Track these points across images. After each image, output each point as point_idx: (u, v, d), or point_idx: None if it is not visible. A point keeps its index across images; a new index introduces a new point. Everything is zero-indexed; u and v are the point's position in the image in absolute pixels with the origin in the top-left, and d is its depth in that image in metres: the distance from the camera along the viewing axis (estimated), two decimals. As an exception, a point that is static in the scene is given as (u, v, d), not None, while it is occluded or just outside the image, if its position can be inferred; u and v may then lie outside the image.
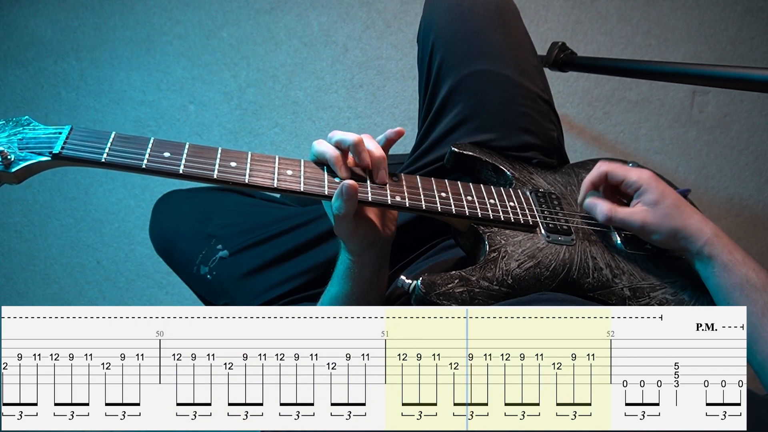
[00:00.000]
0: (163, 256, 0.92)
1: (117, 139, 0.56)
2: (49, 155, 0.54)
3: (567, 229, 0.69)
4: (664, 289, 0.67)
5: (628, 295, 0.66)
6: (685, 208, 0.66)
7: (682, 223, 0.65)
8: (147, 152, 0.56)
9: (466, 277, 0.61)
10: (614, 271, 0.67)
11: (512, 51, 0.82)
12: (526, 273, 0.63)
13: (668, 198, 0.66)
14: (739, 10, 1.57)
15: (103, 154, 0.55)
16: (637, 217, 0.66)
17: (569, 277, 0.65)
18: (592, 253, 0.68)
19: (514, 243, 0.66)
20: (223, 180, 0.57)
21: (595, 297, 0.65)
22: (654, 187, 0.66)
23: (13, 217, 1.51)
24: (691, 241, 0.64)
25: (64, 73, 1.52)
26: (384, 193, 0.63)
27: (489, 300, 0.60)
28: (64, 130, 0.56)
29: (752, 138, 1.58)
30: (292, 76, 1.53)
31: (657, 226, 0.65)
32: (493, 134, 0.80)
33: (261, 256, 0.83)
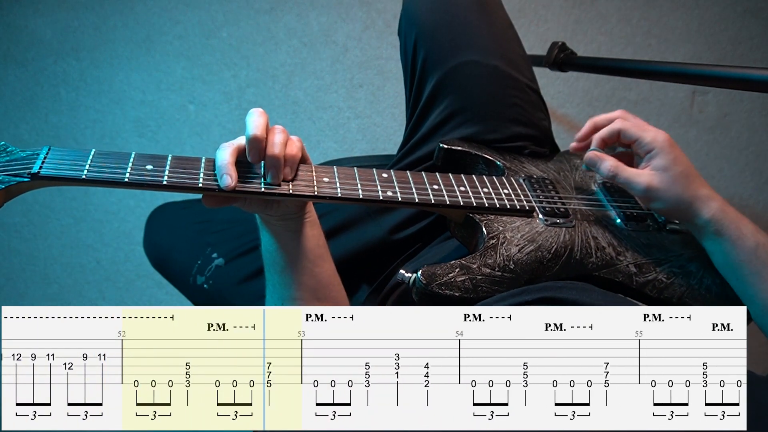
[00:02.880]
0: (158, 268, 0.91)
1: (97, 155, 0.56)
2: (28, 176, 0.53)
3: (564, 212, 0.69)
4: (669, 263, 0.67)
5: (634, 272, 0.65)
6: (694, 179, 0.63)
7: (690, 194, 0.62)
8: (129, 166, 0.56)
9: (467, 266, 0.60)
10: (617, 249, 0.67)
11: (498, 41, 0.81)
12: (527, 257, 0.63)
13: (679, 165, 0.63)
14: (739, 10, 1.57)
15: (84, 171, 0.54)
16: (643, 179, 0.63)
17: (572, 258, 0.64)
18: (593, 233, 0.67)
19: (512, 229, 0.65)
20: (210, 188, 0.57)
21: (600, 276, 0.64)
22: (668, 151, 0.63)
23: (13, 217, 1.51)
24: (696, 213, 0.62)
25: (64, 73, 1.52)
26: (375, 189, 0.63)
27: (493, 286, 0.60)
28: (42, 150, 0.55)
29: (752, 138, 1.58)
30: (292, 76, 1.53)
31: (662, 192, 0.62)
32: (482, 127, 0.78)
33: (257, 261, 0.82)
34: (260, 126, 0.56)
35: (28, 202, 1.51)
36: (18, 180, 0.53)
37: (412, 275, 0.59)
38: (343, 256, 0.81)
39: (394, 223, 0.81)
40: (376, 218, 0.82)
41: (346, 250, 0.81)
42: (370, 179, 0.64)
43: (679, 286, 0.66)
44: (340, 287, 0.69)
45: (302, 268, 0.64)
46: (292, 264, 0.64)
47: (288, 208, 0.62)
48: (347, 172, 0.64)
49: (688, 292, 0.66)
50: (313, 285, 0.65)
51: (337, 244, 0.81)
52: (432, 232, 0.81)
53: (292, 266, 0.64)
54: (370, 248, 0.81)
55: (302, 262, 0.64)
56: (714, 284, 0.66)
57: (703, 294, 0.66)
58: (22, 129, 1.52)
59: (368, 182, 0.63)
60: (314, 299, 0.66)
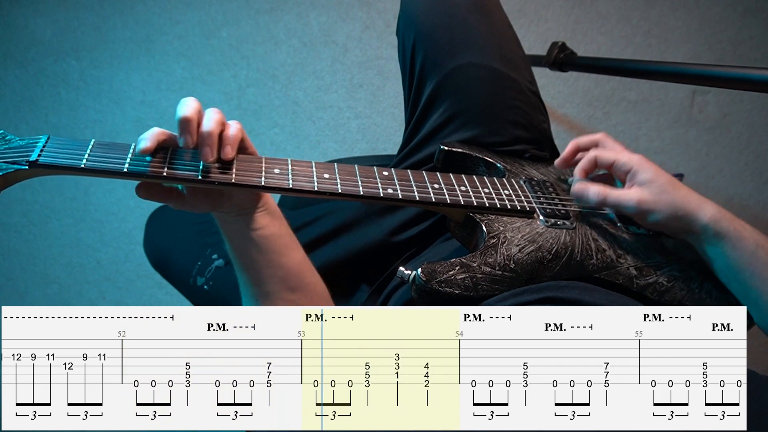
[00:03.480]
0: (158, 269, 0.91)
1: (97, 145, 0.55)
2: (26, 164, 0.52)
3: (565, 213, 0.69)
4: (670, 267, 0.67)
5: (634, 274, 0.65)
6: (680, 186, 0.63)
7: (681, 199, 0.62)
8: (128, 157, 0.55)
9: (468, 264, 0.60)
10: (617, 252, 0.66)
11: (497, 42, 0.81)
12: (527, 257, 0.63)
13: (663, 176, 0.63)
14: (739, 10, 1.57)
15: (83, 160, 0.54)
16: (631, 196, 0.63)
17: (573, 259, 0.64)
18: (593, 236, 0.67)
19: (513, 229, 0.65)
20: (209, 181, 0.56)
21: (601, 278, 0.64)
22: (647, 167, 0.63)
23: (13, 217, 1.51)
24: (693, 218, 0.61)
25: (64, 73, 1.52)
26: (375, 186, 0.63)
27: (493, 285, 0.60)
28: (41, 139, 0.54)
29: (752, 138, 1.58)
30: (292, 76, 1.53)
31: (654, 203, 0.62)
32: (482, 129, 0.78)
33: None
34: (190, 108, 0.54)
35: (28, 202, 1.51)
36: (16, 168, 0.52)
37: (411, 272, 0.59)
38: (343, 257, 0.81)
39: (393, 225, 0.81)
40: (375, 220, 0.82)
41: (346, 251, 0.81)
42: (371, 177, 0.64)
43: (680, 290, 0.65)
44: (312, 273, 0.68)
45: (269, 261, 0.63)
46: (258, 258, 0.63)
47: (241, 201, 0.60)
48: (348, 169, 0.64)
49: (689, 296, 0.65)
50: (283, 276, 0.64)
51: (337, 245, 0.81)
52: (431, 235, 0.81)
53: (259, 260, 0.63)
54: (369, 250, 0.81)
55: (268, 255, 0.63)
56: (715, 288, 0.66)
57: (704, 297, 0.66)
58: (22, 129, 1.52)
59: (369, 179, 0.63)
60: (287, 290, 0.64)
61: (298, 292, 0.65)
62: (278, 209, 0.65)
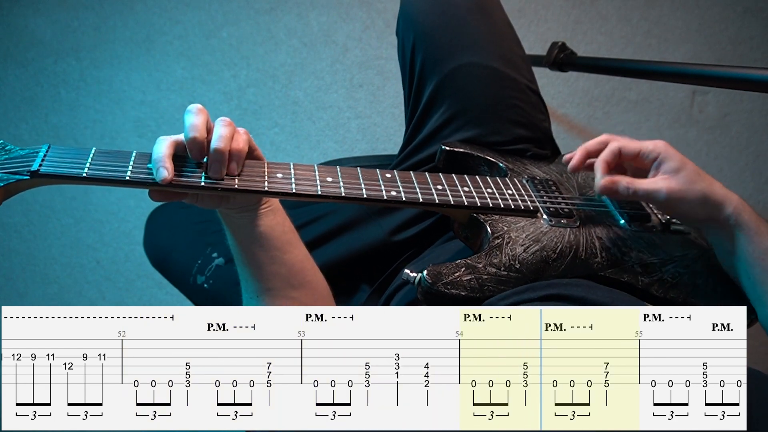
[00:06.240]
0: (158, 268, 0.91)
1: (98, 153, 0.55)
2: (28, 174, 0.52)
3: (569, 212, 0.69)
4: (675, 263, 0.67)
5: (639, 272, 0.65)
6: (705, 175, 0.62)
7: (709, 188, 0.61)
8: (130, 164, 0.55)
9: (473, 265, 0.60)
10: (622, 249, 0.66)
11: (497, 42, 0.81)
12: (532, 257, 0.63)
13: (689, 164, 0.62)
14: (739, 10, 1.57)
15: (84, 169, 0.53)
16: (661, 185, 0.61)
17: (577, 258, 0.64)
18: (598, 234, 0.68)
19: (517, 229, 0.65)
20: (212, 187, 0.56)
21: (606, 276, 0.64)
22: (673, 153, 0.63)
23: (13, 217, 1.51)
24: (719, 207, 0.61)
25: (64, 73, 1.52)
26: (379, 188, 0.63)
27: (499, 285, 0.60)
28: (42, 148, 0.54)
29: (752, 138, 1.58)
30: (292, 76, 1.53)
31: (684, 192, 0.60)
32: (483, 129, 0.78)
33: None
34: (198, 126, 0.54)
35: (28, 202, 1.51)
36: (17, 178, 0.52)
37: (417, 275, 0.59)
38: (344, 257, 0.81)
39: (394, 225, 0.81)
40: (376, 219, 0.82)
41: (347, 250, 0.81)
42: (374, 179, 0.64)
43: (685, 286, 0.66)
44: (314, 270, 0.68)
45: (272, 258, 0.63)
46: (261, 255, 0.63)
47: (246, 199, 0.61)
48: (350, 171, 0.64)
49: (695, 292, 0.65)
50: (285, 273, 0.64)
51: (338, 245, 0.81)
52: (432, 234, 0.81)
53: (261, 257, 0.63)
54: (370, 249, 0.81)
55: (270, 252, 0.63)
56: (720, 283, 0.66)
57: (710, 293, 0.66)
58: (22, 129, 1.52)
59: (372, 182, 0.63)
60: (289, 287, 0.65)
61: (300, 289, 0.66)
62: (281, 207, 0.65)
